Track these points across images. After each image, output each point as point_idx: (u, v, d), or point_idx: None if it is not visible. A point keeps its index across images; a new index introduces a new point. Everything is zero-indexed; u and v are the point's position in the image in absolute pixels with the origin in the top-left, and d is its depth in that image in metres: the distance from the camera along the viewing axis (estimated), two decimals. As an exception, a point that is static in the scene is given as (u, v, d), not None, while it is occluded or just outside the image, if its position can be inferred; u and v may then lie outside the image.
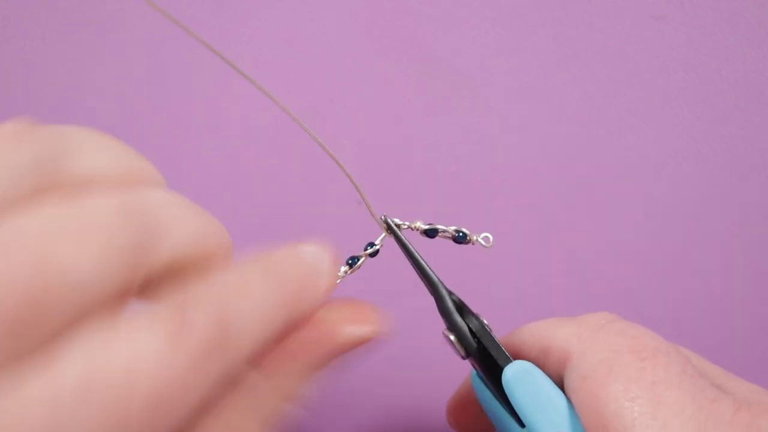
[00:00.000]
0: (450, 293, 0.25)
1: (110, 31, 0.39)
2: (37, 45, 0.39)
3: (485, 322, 0.25)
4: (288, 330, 0.19)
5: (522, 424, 0.24)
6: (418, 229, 0.26)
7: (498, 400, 0.25)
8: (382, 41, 0.37)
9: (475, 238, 0.26)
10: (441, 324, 0.25)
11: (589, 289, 0.37)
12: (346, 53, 0.37)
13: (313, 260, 0.20)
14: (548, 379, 0.23)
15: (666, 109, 0.37)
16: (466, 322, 0.25)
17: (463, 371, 0.28)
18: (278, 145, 0.38)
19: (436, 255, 0.29)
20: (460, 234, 0.26)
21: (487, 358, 0.24)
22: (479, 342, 0.24)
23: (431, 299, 0.25)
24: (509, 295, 0.37)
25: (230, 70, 0.24)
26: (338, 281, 0.24)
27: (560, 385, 0.23)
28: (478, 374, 0.26)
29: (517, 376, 0.23)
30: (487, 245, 0.26)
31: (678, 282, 0.37)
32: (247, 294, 0.17)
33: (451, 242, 0.27)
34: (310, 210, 0.37)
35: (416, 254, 0.25)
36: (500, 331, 0.27)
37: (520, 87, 0.37)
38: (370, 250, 0.26)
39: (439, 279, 0.25)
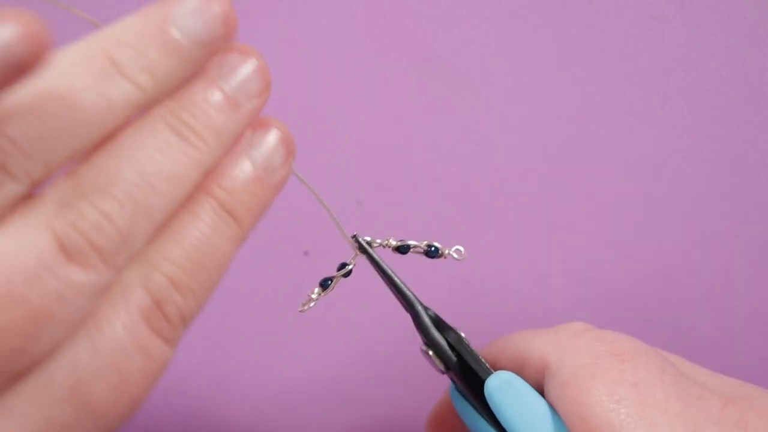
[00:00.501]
0: (426, 309, 0.25)
1: (110, 31, 0.39)
2: (37, 45, 0.39)
3: (463, 335, 0.25)
4: None
5: None
6: (389, 246, 0.26)
7: (479, 413, 0.25)
8: (382, 41, 0.37)
9: (447, 251, 0.26)
10: (418, 340, 0.25)
11: (589, 289, 0.37)
12: (346, 53, 0.37)
13: None
14: (530, 387, 0.23)
15: (666, 109, 0.37)
16: (444, 337, 0.25)
17: (443, 384, 0.28)
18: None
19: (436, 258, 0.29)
20: (432, 248, 0.26)
21: (468, 371, 0.24)
22: (458, 355, 0.24)
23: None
24: (509, 295, 0.37)
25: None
26: (312, 304, 0.25)
27: (540, 394, 0.23)
28: (456, 388, 0.26)
29: (499, 386, 0.23)
30: (460, 258, 0.26)
31: (678, 282, 0.37)
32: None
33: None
34: (309, 211, 0.37)
35: (389, 272, 0.25)
36: (496, 335, 0.27)
37: (520, 87, 0.37)
38: (342, 271, 0.26)
39: (414, 295, 0.25)
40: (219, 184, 0.19)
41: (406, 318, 0.25)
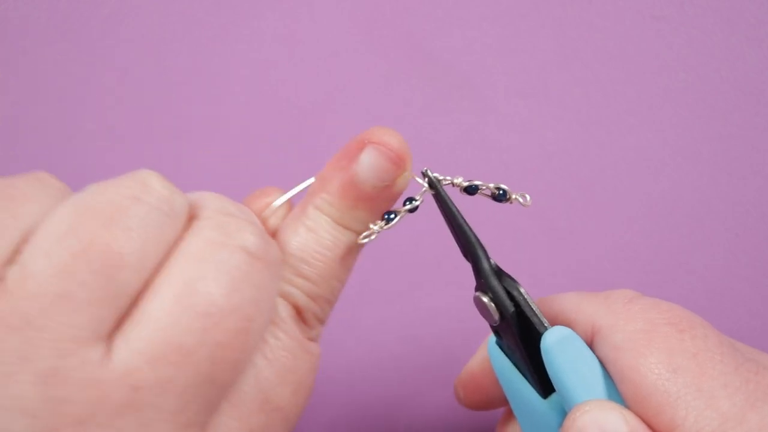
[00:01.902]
0: (488, 255, 0.24)
1: (110, 31, 0.39)
2: (37, 45, 0.39)
3: (522, 287, 0.24)
4: None
5: (544, 395, 0.24)
6: (458, 186, 0.25)
7: (520, 369, 0.24)
8: (382, 41, 0.37)
9: (514, 196, 0.25)
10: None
11: (589, 289, 0.37)
12: (346, 53, 0.37)
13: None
14: (587, 347, 0.22)
15: (666, 109, 0.37)
16: (503, 285, 0.24)
17: (465, 353, 0.28)
18: (278, 145, 0.38)
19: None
20: (500, 191, 0.25)
21: (523, 322, 0.23)
22: (516, 306, 0.23)
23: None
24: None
25: (230, 71, 0.24)
26: (373, 237, 0.24)
27: None
28: (497, 342, 0.26)
29: (558, 341, 0.22)
30: (525, 203, 0.25)
31: (678, 282, 0.37)
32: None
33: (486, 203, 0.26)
34: None
35: (455, 211, 0.24)
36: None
37: (520, 87, 0.37)
38: (408, 206, 0.25)
39: (477, 239, 0.24)
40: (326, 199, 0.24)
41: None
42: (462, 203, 0.26)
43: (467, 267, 0.25)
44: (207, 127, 0.38)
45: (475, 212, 0.27)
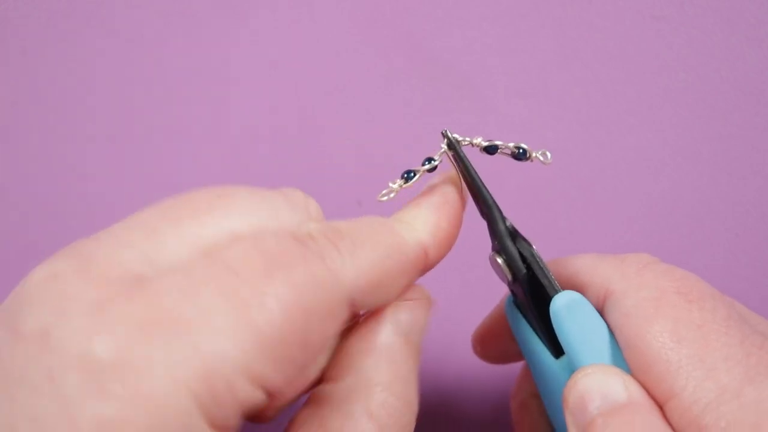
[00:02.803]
0: (504, 218, 0.24)
1: (110, 31, 0.39)
2: (37, 45, 0.39)
3: (535, 249, 0.24)
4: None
5: (556, 355, 0.24)
6: (478, 146, 0.25)
7: (534, 329, 0.25)
8: (382, 41, 0.37)
9: (534, 154, 0.25)
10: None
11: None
12: (346, 53, 0.37)
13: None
14: (596, 312, 0.23)
15: (666, 109, 0.37)
16: (517, 248, 0.24)
17: (486, 305, 0.28)
18: (278, 145, 0.38)
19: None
20: (521, 150, 0.25)
21: (535, 285, 0.23)
22: (528, 268, 0.24)
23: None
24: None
25: (230, 70, 0.24)
26: (393, 195, 0.24)
27: None
28: (513, 301, 0.26)
29: (567, 306, 0.22)
30: (545, 161, 0.25)
31: (678, 282, 0.37)
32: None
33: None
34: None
35: (473, 172, 0.25)
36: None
37: (520, 87, 0.37)
38: (428, 166, 0.25)
39: (494, 201, 0.24)
40: None
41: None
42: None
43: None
44: (207, 127, 0.38)
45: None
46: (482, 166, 0.27)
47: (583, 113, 0.37)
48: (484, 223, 0.25)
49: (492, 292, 0.30)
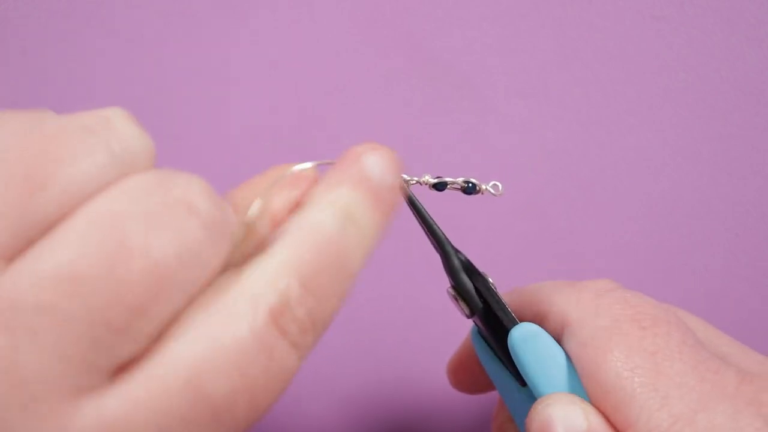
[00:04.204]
0: (457, 251, 0.24)
1: (110, 31, 0.39)
2: (37, 45, 0.39)
3: (491, 282, 0.24)
4: None
5: (522, 384, 0.24)
6: (426, 183, 0.26)
7: (499, 360, 0.25)
8: (382, 41, 0.37)
9: (484, 187, 0.25)
10: (445, 283, 0.25)
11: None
12: (346, 53, 0.37)
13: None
14: (554, 342, 0.23)
15: (666, 109, 0.37)
16: (472, 281, 0.24)
17: (464, 331, 0.28)
18: (278, 145, 0.38)
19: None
20: (470, 184, 0.25)
21: (493, 318, 0.24)
22: (485, 302, 0.24)
23: (435, 260, 0.25)
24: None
25: (230, 70, 0.24)
26: None
27: None
28: (479, 332, 0.26)
29: (524, 338, 0.22)
30: (496, 193, 0.25)
31: (678, 282, 0.37)
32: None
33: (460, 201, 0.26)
34: None
35: (423, 210, 0.25)
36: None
37: (520, 87, 0.37)
38: None
39: (445, 237, 0.25)
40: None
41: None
42: (461, 205, 0.26)
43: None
44: (207, 127, 0.38)
45: (473, 212, 0.27)
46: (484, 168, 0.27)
47: (583, 113, 0.37)
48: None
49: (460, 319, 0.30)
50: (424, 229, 0.25)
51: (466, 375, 0.29)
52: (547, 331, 0.23)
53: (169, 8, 0.38)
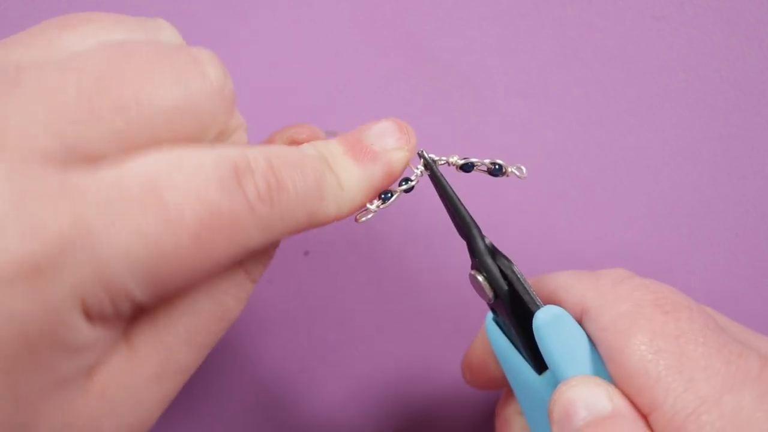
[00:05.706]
0: (483, 235, 0.24)
1: (110, 31, 0.39)
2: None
3: (516, 266, 0.24)
4: None
5: (539, 371, 0.24)
6: (454, 164, 0.26)
7: (516, 346, 0.25)
8: (382, 41, 0.37)
9: (510, 169, 0.26)
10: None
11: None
12: (346, 53, 0.37)
13: None
14: (578, 326, 0.23)
15: (666, 109, 0.37)
16: (497, 264, 0.24)
17: (475, 322, 0.28)
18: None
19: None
20: (496, 166, 0.26)
21: (517, 301, 0.24)
22: (510, 285, 0.24)
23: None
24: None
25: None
26: (370, 216, 0.24)
27: None
28: (494, 319, 0.26)
29: (549, 320, 0.22)
30: (521, 175, 0.26)
31: (678, 282, 0.37)
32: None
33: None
34: None
35: (451, 192, 0.25)
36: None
37: (520, 87, 0.37)
38: (405, 186, 0.25)
39: (472, 219, 0.25)
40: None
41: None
42: (460, 191, 0.26)
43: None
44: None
45: (474, 212, 0.27)
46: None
47: (583, 113, 0.37)
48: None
49: (474, 311, 0.30)
50: (449, 212, 0.25)
51: (481, 370, 0.29)
52: None
53: (169, 8, 0.38)
